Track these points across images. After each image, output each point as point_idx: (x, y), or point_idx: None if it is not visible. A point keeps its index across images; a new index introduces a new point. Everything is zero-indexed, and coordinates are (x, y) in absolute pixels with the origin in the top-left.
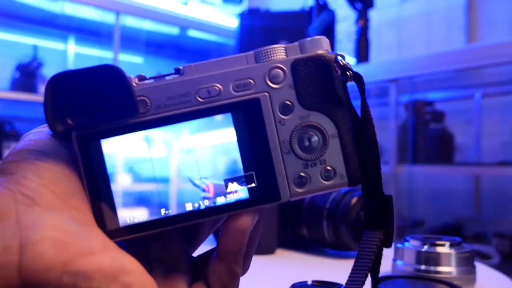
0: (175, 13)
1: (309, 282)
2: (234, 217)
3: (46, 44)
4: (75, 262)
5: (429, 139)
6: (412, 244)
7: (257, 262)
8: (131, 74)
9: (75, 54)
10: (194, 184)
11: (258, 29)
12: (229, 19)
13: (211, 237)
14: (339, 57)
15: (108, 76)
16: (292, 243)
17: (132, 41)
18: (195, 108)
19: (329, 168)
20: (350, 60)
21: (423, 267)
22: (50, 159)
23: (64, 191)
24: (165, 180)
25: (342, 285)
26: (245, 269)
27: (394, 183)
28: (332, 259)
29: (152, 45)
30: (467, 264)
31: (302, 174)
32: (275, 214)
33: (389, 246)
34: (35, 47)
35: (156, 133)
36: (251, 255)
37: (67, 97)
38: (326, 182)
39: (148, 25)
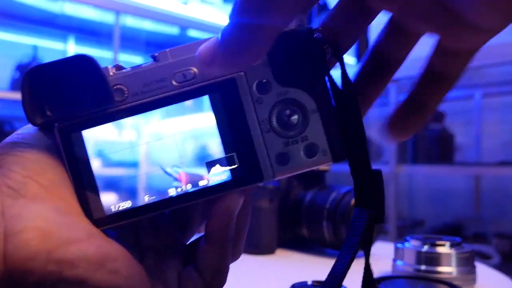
0: (175, 13)
1: (309, 282)
2: (218, 199)
3: (46, 44)
4: (60, 250)
5: (429, 139)
6: (412, 244)
7: (257, 262)
8: None
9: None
10: (166, 172)
11: None
12: None
13: None
14: (313, 30)
15: (81, 67)
16: (292, 243)
17: (132, 41)
18: (172, 93)
19: (311, 144)
20: (350, 59)
21: (423, 267)
22: (36, 150)
23: (50, 182)
24: (148, 165)
25: (342, 285)
26: (236, 254)
27: (394, 183)
28: (332, 259)
29: (152, 45)
30: (467, 264)
31: (284, 152)
32: (275, 214)
33: (381, 221)
34: (35, 47)
35: (134, 121)
36: (241, 240)
37: (43, 89)
38: (309, 159)
39: (148, 25)
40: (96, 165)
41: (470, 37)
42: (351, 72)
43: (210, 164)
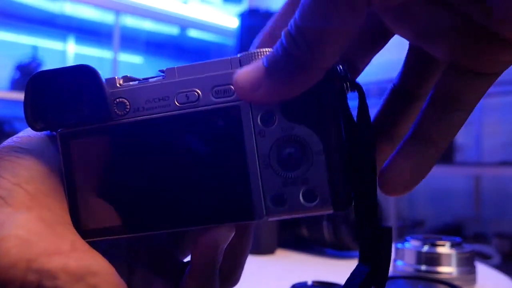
0: (175, 13)
1: (309, 282)
2: (203, 231)
3: (46, 44)
4: (40, 260)
5: None
6: (412, 244)
7: (257, 262)
8: (131, 74)
9: (74, 54)
10: None
11: (258, 29)
12: (229, 19)
13: None
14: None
15: (83, 77)
16: (292, 243)
17: (132, 41)
18: (171, 114)
19: (311, 189)
20: None
21: (423, 267)
22: (30, 157)
23: (39, 191)
24: (140, 186)
25: (342, 285)
26: (232, 281)
27: None
28: (332, 259)
29: (152, 45)
30: (467, 264)
31: (281, 192)
32: None
33: (382, 284)
34: (34, 47)
35: (132, 137)
36: (238, 269)
37: (45, 96)
38: (306, 205)
39: (148, 25)
40: (91, 175)
41: (501, 55)
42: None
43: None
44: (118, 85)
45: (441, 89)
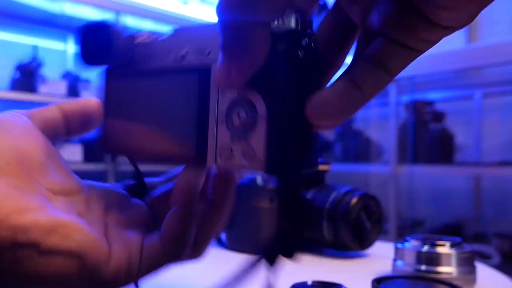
0: (175, 13)
1: (309, 282)
2: (182, 172)
3: (46, 44)
4: (12, 217)
5: (429, 139)
6: (412, 244)
7: None
8: None
9: (75, 54)
10: None
11: None
12: None
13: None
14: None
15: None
16: None
17: None
18: (165, 66)
19: (250, 148)
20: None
21: (423, 267)
22: (15, 131)
23: (7, 163)
24: (137, 120)
25: (342, 285)
26: (198, 252)
27: (394, 183)
28: (332, 259)
29: None
30: (467, 264)
31: (228, 146)
32: (275, 214)
33: (288, 256)
34: (35, 47)
35: (139, 81)
36: (222, 215)
37: (90, 46)
38: (244, 161)
39: (148, 25)
40: (117, 106)
41: (426, 35)
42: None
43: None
44: (140, 39)
45: (372, 51)
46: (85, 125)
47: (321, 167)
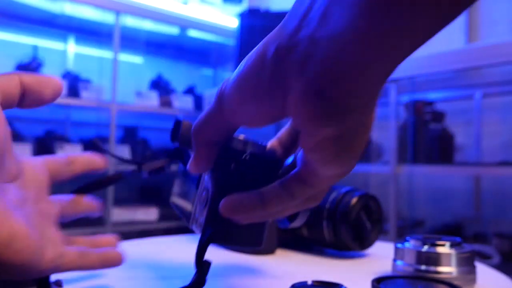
0: (175, 13)
1: (309, 282)
2: None
3: (46, 44)
4: None
5: (429, 139)
6: (412, 244)
7: (257, 262)
8: (131, 74)
9: (75, 54)
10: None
11: (258, 29)
12: (229, 19)
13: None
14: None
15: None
16: (292, 243)
17: (132, 41)
18: None
19: (199, 218)
20: None
21: (423, 267)
22: None
23: None
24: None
25: (342, 285)
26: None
27: (394, 183)
28: (332, 259)
29: (152, 45)
30: (467, 264)
31: (196, 215)
32: None
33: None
34: (35, 47)
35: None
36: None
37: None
38: (195, 228)
39: (148, 25)
40: None
41: (319, 183)
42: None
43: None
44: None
45: (284, 179)
46: (39, 102)
47: None
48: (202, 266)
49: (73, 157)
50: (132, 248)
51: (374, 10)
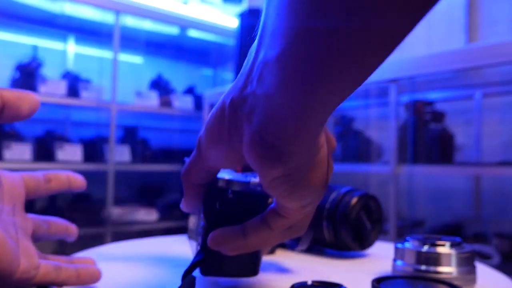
0: (175, 13)
1: (309, 282)
2: None
3: (46, 44)
4: None
5: (429, 139)
6: (412, 244)
7: None
8: (131, 74)
9: (75, 54)
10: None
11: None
12: (229, 19)
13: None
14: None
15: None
16: (292, 243)
17: (132, 41)
18: None
19: (200, 246)
20: None
21: (423, 267)
22: None
23: None
24: None
25: (342, 285)
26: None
27: (394, 183)
28: (332, 259)
29: (152, 45)
30: (467, 264)
31: (197, 246)
32: None
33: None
34: (35, 47)
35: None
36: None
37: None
38: (197, 257)
39: (148, 25)
40: None
41: (290, 215)
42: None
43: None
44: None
45: (263, 214)
46: (16, 117)
47: None
48: (187, 280)
49: (51, 175)
50: (132, 248)
51: (290, 81)
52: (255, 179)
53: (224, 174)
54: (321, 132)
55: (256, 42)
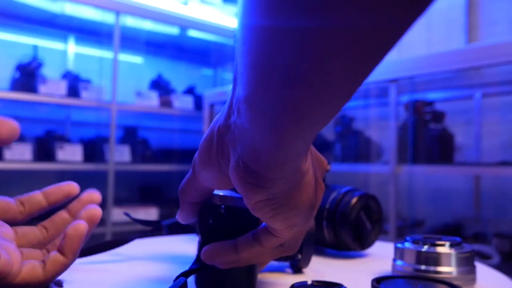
0: (175, 13)
1: (309, 282)
2: None
3: (46, 44)
4: None
5: (429, 139)
6: (412, 244)
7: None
8: (131, 74)
9: (75, 54)
10: None
11: None
12: (229, 19)
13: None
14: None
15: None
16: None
17: (132, 41)
18: None
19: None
20: None
21: (423, 267)
22: None
23: None
24: None
25: (342, 285)
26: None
27: (394, 183)
28: (332, 259)
29: (152, 45)
30: (467, 264)
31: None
32: None
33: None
34: (35, 47)
35: None
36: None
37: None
38: (193, 266)
39: (148, 25)
40: None
41: (281, 234)
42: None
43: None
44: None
45: (255, 231)
46: None
47: None
48: (178, 282)
49: (23, 199)
50: (132, 248)
51: (259, 121)
52: None
53: (219, 191)
54: (303, 159)
55: (233, 74)
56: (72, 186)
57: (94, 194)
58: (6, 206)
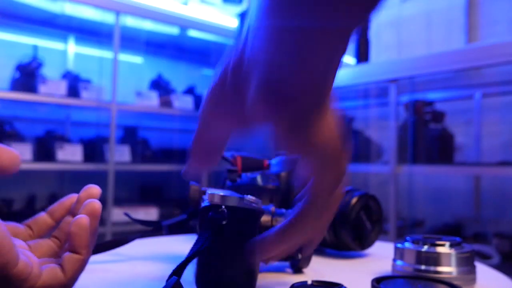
0: (175, 13)
1: (309, 282)
2: None
3: (46, 44)
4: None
5: (429, 139)
6: (412, 244)
7: None
8: (131, 74)
9: (75, 54)
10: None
11: None
12: (229, 19)
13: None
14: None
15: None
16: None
17: (132, 41)
18: None
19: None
20: (350, 60)
21: (423, 267)
22: None
23: None
24: None
25: (342, 285)
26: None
27: (394, 183)
28: (332, 259)
29: (152, 45)
30: (467, 264)
31: None
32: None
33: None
34: (35, 47)
35: None
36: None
37: None
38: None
39: (148, 25)
40: None
41: None
42: None
43: None
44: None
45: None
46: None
47: None
48: (171, 281)
49: (30, 223)
50: (133, 248)
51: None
52: (250, 197)
53: (219, 190)
54: (325, 82)
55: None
56: (73, 199)
57: (91, 189)
58: (15, 230)
